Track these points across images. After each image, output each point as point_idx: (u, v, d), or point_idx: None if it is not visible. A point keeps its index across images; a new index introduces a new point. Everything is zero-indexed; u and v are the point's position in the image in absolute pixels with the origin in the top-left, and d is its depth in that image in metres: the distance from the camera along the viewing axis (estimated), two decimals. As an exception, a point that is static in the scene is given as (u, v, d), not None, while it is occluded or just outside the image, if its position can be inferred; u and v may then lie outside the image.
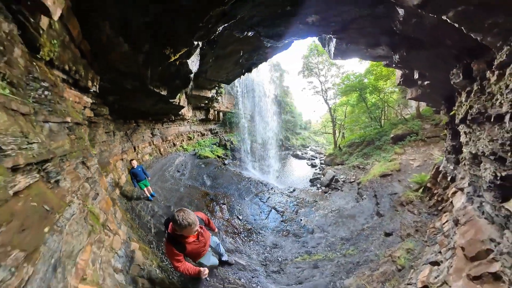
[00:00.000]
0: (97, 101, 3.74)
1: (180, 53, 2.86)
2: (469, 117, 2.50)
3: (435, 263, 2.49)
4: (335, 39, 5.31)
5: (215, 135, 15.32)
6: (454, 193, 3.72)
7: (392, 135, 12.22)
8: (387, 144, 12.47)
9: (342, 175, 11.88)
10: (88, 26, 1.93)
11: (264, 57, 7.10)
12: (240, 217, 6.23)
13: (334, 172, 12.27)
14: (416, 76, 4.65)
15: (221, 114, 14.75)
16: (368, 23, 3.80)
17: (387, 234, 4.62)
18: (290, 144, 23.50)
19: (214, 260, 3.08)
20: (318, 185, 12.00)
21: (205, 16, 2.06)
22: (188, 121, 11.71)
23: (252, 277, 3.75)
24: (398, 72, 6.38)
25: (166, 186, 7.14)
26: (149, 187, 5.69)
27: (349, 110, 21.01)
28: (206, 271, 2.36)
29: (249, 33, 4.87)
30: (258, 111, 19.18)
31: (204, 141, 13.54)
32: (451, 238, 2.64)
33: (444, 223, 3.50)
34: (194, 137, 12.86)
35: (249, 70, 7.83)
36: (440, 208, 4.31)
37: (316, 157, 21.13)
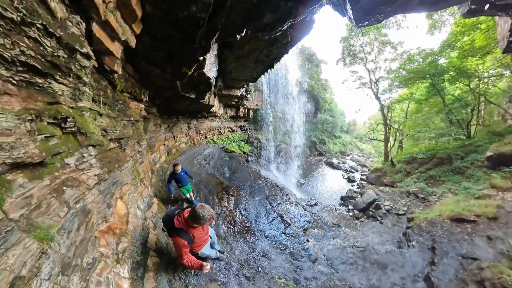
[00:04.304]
0: (149, 104, 5.94)
1: (193, 68, 4.34)
2: None
3: None
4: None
5: (245, 132, 17.11)
6: None
7: (489, 153, 8.00)
8: (476, 167, 8.36)
9: (387, 201, 9.28)
10: (135, 64, 3.74)
11: (284, 49, 7.02)
12: (243, 213, 6.45)
13: (377, 194, 9.92)
14: None
15: (251, 111, 16.22)
16: None
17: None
18: (325, 149, 22.53)
19: (213, 252, 3.40)
20: (350, 207, 10.62)
21: (193, 39, 3.21)
22: (219, 118, 13.93)
23: (224, 268, 3.81)
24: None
25: (192, 170, 9.22)
26: (191, 193, 5.51)
27: (413, 109, 15.40)
28: (208, 266, 2.44)
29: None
30: (288, 109, 19.40)
31: (233, 137, 15.56)
32: None
33: None
34: (224, 132, 15.07)
35: (271, 66, 8.12)
36: None
37: (357, 170, 18.64)
